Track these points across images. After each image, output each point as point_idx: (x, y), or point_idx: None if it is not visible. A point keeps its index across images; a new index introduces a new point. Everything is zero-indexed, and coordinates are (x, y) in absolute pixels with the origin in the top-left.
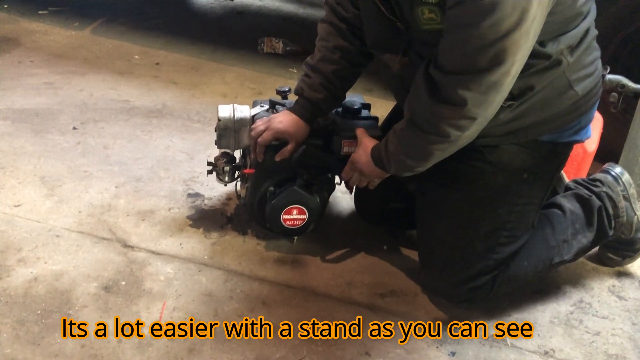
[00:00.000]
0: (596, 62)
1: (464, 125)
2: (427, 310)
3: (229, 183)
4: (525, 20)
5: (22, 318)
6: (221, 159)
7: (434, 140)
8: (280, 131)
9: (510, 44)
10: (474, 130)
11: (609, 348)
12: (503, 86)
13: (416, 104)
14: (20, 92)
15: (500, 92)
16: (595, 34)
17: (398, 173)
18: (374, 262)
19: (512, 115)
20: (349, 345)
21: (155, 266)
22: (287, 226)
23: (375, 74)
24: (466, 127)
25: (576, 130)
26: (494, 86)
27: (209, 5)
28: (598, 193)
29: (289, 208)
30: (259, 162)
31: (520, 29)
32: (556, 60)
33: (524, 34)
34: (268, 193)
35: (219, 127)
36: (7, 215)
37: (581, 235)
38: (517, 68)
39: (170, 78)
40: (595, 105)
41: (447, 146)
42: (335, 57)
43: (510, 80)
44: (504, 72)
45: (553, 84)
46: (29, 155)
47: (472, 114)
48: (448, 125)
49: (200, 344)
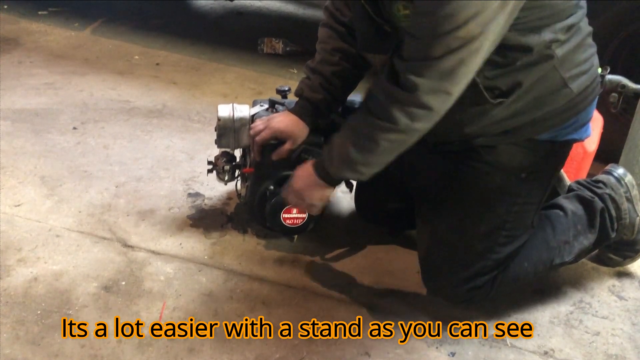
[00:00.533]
0: (592, 59)
1: (416, 114)
2: (427, 310)
3: (229, 182)
4: (483, 12)
5: (22, 318)
6: (221, 158)
7: (383, 127)
8: (278, 130)
9: (465, 33)
10: (427, 123)
11: (609, 348)
12: (458, 76)
13: (374, 88)
14: (20, 92)
15: (456, 83)
16: (589, 30)
17: (338, 173)
18: (374, 262)
19: (506, 113)
20: (349, 345)
21: (155, 266)
22: (287, 225)
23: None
24: (418, 116)
25: (575, 128)
26: (448, 75)
27: (209, 5)
28: (601, 195)
29: (288, 207)
30: (258, 161)
31: (476, 20)
32: (543, 54)
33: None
34: (268, 192)
35: (219, 126)
36: (7, 215)
37: (583, 236)
38: (476, 60)
39: (170, 78)
40: (593, 103)
41: (396, 136)
42: (335, 59)
43: (467, 71)
44: (458, 62)
45: (545, 81)
46: (29, 155)
47: (425, 101)
48: (399, 111)
49: (200, 344)
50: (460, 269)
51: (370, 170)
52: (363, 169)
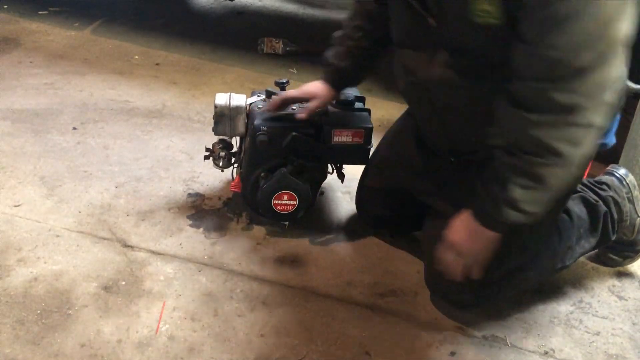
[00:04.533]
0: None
1: (578, 137)
2: (427, 310)
3: (224, 168)
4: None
5: (22, 318)
6: (218, 145)
7: (542, 163)
8: (306, 90)
9: (614, 33)
10: (592, 142)
11: (609, 348)
12: (610, 80)
13: (511, 126)
14: (20, 92)
15: (615, 89)
16: None
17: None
18: (374, 262)
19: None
20: (349, 345)
21: (155, 266)
22: (277, 211)
23: (375, 74)
24: (581, 139)
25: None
26: (605, 83)
27: (209, 5)
28: (605, 197)
29: (279, 193)
30: (252, 149)
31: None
32: None
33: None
34: (260, 178)
35: (216, 113)
36: (7, 215)
37: (584, 240)
38: (623, 58)
39: (170, 78)
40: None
41: (561, 170)
42: (356, 35)
43: (618, 71)
44: (612, 66)
45: None
46: (29, 155)
47: (587, 120)
48: (556, 140)
49: (200, 344)
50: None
51: (541, 208)
52: (530, 207)
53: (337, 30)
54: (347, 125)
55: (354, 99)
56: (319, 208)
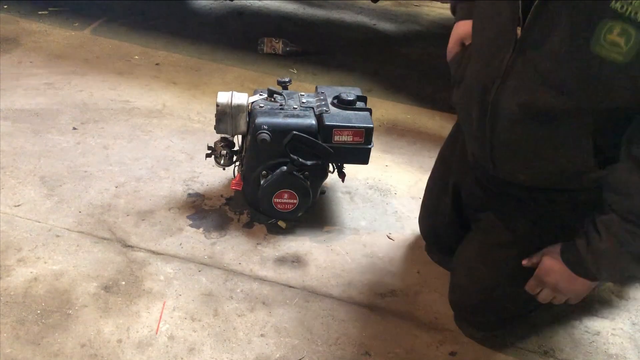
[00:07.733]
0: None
1: None
2: (427, 310)
3: (226, 166)
4: None
5: (22, 318)
6: (220, 143)
7: None
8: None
9: None
10: None
11: (609, 348)
12: None
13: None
14: (20, 92)
15: None
16: None
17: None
18: (374, 262)
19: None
20: (349, 345)
21: (155, 266)
22: (278, 209)
23: (375, 74)
24: None
25: None
26: None
27: (209, 5)
28: None
29: (280, 192)
30: (253, 147)
31: None
32: None
33: None
34: (261, 177)
35: (217, 112)
36: (7, 215)
37: None
38: None
39: (170, 78)
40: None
41: None
42: None
43: None
44: None
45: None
46: (29, 155)
47: None
48: None
49: (200, 344)
50: (497, 311)
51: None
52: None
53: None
54: (347, 125)
55: (355, 99)
56: (319, 208)
